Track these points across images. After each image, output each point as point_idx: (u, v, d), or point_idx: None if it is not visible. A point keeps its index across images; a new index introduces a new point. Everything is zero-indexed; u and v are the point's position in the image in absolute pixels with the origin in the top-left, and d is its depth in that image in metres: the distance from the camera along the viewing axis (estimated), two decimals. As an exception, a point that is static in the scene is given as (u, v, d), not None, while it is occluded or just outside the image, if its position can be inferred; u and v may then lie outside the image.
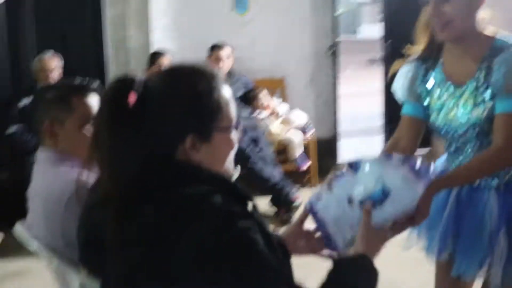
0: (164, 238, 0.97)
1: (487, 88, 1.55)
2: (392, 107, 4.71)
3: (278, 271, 1.01)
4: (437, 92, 1.66)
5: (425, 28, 1.66)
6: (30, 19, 4.43)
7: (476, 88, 1.57)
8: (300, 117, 4.63)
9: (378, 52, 5.88)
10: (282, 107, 4.65)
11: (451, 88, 1.63)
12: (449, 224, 1.67)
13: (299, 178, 4.70)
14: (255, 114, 4.45)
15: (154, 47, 4.45)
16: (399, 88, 1.75)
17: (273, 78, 4.87)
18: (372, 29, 14.44)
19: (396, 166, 1.32)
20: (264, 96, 4.52)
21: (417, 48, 1.71)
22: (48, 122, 1.48)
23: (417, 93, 1.71)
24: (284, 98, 4.85)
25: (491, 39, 1.57)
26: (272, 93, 4.76)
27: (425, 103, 1.70)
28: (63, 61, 4.04)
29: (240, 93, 4.48)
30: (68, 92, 1.51)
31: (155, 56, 4.26)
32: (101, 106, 1.12)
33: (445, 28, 1.53)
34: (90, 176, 1.16)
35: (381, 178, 1.28)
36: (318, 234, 1.36)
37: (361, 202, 1.27)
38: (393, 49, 4.77)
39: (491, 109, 1.54)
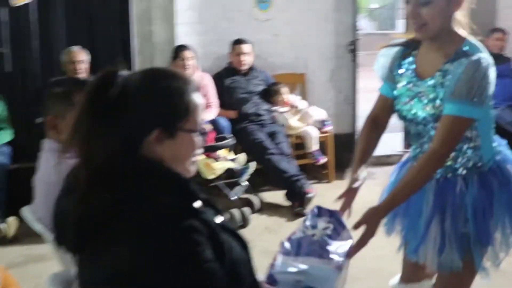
0: (112, 226, 1.09)
1: (442, 88, 1.63)
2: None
3: (212, 272, 1.08)
4: (405, 80, 1.76)
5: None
6: (61, 13, 4.61)
7: (434, 86, 1.66)
8: (319, 112, 4.70)
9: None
10: (301, 102, 4.73)
11: (415, 80, 1.72)
12: (399, 208, 1.75)
13: (316, 172, 4.79)
14: (274, 109, 4.55)
15: (178, 41, 4.57)
16: (380, 67, 1.86)
17: (294, 73, 4.94)
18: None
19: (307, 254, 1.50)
20: (284, 91, 4.61)
21: (405, 36, 1.79)
22: (51, 116, 1.62)
23: (392, 76, 1.81)
24: (304, 93, 4.93)
25: (461, 41, 1.64)
26: (292, 88, 4.85)
27: (396, 82, 1.80)
28: (90, 56, 4.23)
29: (260, 88, 4.58)
30: (71, 88, 1.65)
31: (179, 50, 4.40)
32: (84, 96, 1.20)
33: (421, 29, 1.62)
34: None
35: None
36: None
37: None
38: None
39: (440, 109, 1.63)
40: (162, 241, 1.06)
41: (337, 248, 1.53)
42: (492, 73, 1.60)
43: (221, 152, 3.79)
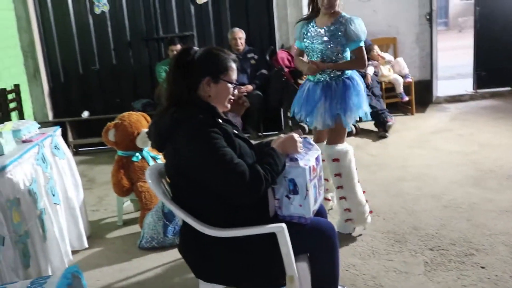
0: (173, 129, 2.03)
1: (335, 32, 3.28)
2: (480, 58, 6.45)
3: (228, 157, 1.97)
4: (311, 31, 3.37)
5: (311, 2, 3.42)
6: (227, 5, 6.63)
7: (326, 31, 3.31)
8: (403, 65, 6.50)
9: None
10: (391, 57, 6.53)
11: (316, 28, 3.36)
12: (303, 101, 3.50)
13: (403, 107, 6.65)
14: (369, 63, 6.36)
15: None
16: (296, 33, 3.51)
17: (388, 37, 6.78)
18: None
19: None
20: (377, 49, 6.43)
21: (307, 13, 3.51)
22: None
23: (301, 35, 3.45)
24: (396, 52, 6.75)
25: (339, 13, 3.34)
26: (386, 48, 6.69)
27: (304, 39, 3.41)
28: (245, 34, 6.34)
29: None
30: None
31: (304, 27, 6.43)
32: (173, 59, 2.14)
33: (330, 7, 3.30)
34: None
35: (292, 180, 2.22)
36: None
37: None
38: (480, 14, 6.35)
39: (336, 44, 3.29)
40: (199, 138, 1.97)
41: (310, 156, 2.31)
42: (362, 22, 3.30)
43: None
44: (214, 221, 2.14)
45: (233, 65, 2.21)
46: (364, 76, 6.26)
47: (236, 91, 2.75)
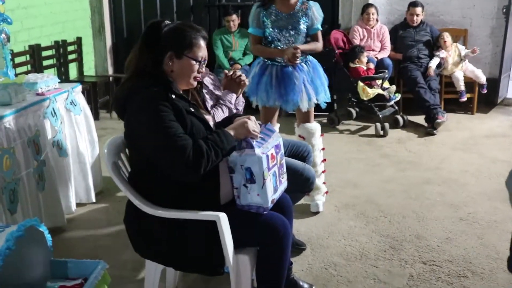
0: (126, 99, 2.08)
1: (299, 19, 3.43)
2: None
3: (172, 130, 1.96)
4: (273, 18, 3.45)
5: None
6: None
7: (291, 16, 3.45)
8: (475, 71, 5.98)
9: None
10: (469, 52, 5.96)
11: (279, 13, 3.45)
12: (275, 88, 3.52)
13: (464, 105, 6.19)
14: (437, 53, 5.94)
15: (369, 1, 6.30)
16: (251, 21, 3.51)
17: (459, 29, 6.28)
18: None
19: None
20: (446, 37, 5.94)
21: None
22: None
23: (260, 22, 3.47)
24: (465, 45, 6.24)
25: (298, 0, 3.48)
26: (456, 40, 6.21)
27: (265, 27, 3.45)
28: None
29: (425, 38, 6.07)
30: None
31: (366, 7, 6.11)
32: (142, 33, 2.16)
33: None
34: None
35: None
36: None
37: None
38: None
39: (301, 30, 3.45)
40: (147, 109, 2.00)
41: (268, 143, 2.24)
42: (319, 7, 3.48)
43: (378, 82, 5.57)
44: (161, 200, 2.13)
45: (201, 42, 2.19)
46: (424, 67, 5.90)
47: (233, 72, 2.77)
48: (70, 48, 6.10)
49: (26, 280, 2.04)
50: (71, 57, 6.11)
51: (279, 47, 3.48)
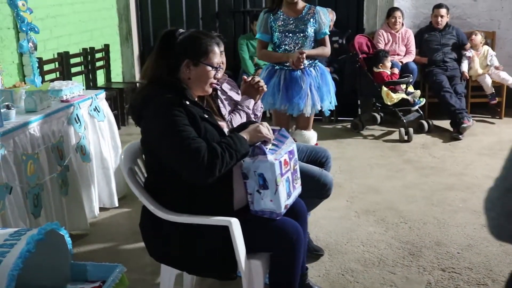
0: (142, 107, 2.13)
1: (306, 22, 3.57)
2: None
3: (186, 133, 1.99)
4: (281, 21, 3.59)
5: None
6: None
7: (298, 21, 3.58)
8: (497, 63, 5.88)
9: None
10: (496, 62, 5.86)
11: (287, 18, 3.59)
12: (282, 92, 3.62)
13: (492, 109, 6.07)
14: (464, 53, 5.84)
15: (394, 4, 6.24)
16: (258, 27, 3.66)
17: (487, 31, 6.15)
18: None
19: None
20: (474, 35, 5.84)
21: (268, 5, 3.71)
22: None
23: (268, 28, 3.61)
24: (492, 48, 6.12)
25: (305, 5, 3.63)
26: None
27: (273, 31, 3.61)
28: (335, 16, 5.98)
29: (451, 42, 5.97)
30: None
31: (392, 11, 6.03)
32: (158, 40, 2.20)
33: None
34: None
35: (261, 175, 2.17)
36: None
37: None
38: None
39: (308, 33, 3.57)
40: (162, 115, 2.04)
41: (282, 149, 2.26)
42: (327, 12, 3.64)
43: (403, 87, 5.51)
44: (176, 205, 2.17)
45: (216, 49, 2.22)
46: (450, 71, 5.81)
47: (248, 78, 2.78)
48: (98, 55, 6.24)
49: (46, 282, 2.13)
50: (99, 64, 6.25)
51: (287, 51, 3.62)
